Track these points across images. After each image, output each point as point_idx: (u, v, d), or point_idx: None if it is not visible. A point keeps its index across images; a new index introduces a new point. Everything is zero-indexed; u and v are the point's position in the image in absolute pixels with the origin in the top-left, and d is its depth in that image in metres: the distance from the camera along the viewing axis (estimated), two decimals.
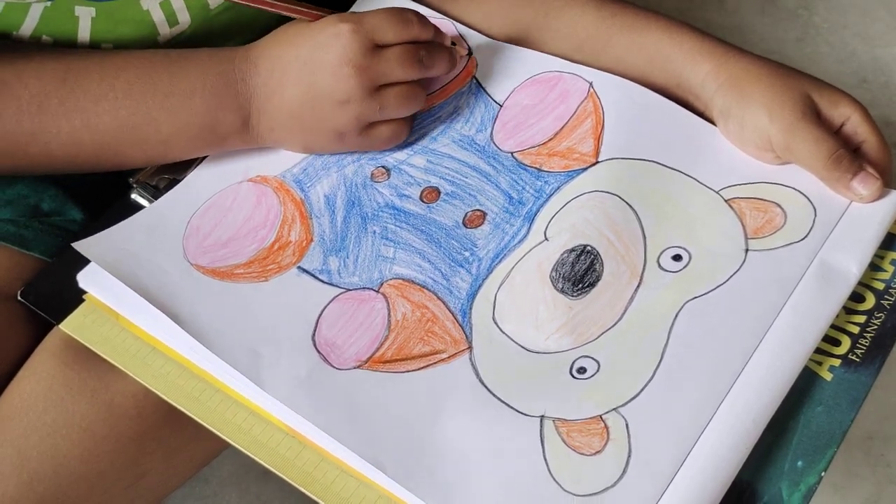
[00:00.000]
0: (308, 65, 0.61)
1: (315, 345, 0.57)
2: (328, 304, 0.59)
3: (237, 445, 0.55)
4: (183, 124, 0.62)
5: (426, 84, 0.67)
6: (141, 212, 0.64)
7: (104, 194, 0.67)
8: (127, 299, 0.59)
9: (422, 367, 0.56)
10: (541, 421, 0.54)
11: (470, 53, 0.70)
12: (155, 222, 0.63)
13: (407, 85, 0.63)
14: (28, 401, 0.60)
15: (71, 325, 0.60)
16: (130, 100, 0.61)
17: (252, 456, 0.55)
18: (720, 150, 0.64)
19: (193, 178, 0.65)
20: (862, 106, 0.62)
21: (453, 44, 0.67)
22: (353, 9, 0.74)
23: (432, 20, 0.73)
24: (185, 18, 0.66)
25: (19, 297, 0.62)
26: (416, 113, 0.67)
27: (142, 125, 0.61)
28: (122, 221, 0.63)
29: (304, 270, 0.61)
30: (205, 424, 0.56)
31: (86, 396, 0.60)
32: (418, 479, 0.52)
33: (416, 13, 0.63)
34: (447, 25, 0.72)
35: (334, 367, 0.56)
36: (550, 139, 0.66)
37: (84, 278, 0.60)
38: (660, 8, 0.69)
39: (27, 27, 0.63)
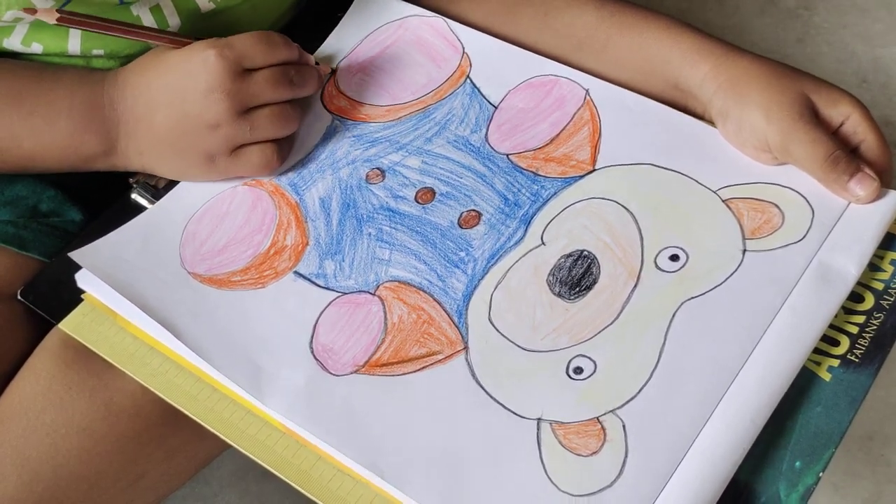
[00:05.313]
0: (178, 92, 0.61)
1: (313, 352, 0.57)
2: (325, 308, 0.59)
3: (234, 444, 0.55)
4: (46, 143, 0.62)
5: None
6: (137, 218, 0.63)
7: (103, 195, 0.67)
8: (124, 300, 0.59)
9: (418, 370, 0.56)
10: (537, 423, 0.54)
11: (333, 72, 0.70)
12: (151, 228, 0.63)
13: (278, 106, 0.63)
14: (27, 401, 0.60)
15: (70, 325, 0.60)
16: None
17: (249, 455, 0.55)
18: (718, 150, 0.64)
19: (189, 182, 0.65)
20: (862, 104, 0.62)
21: (317, 63, 0.67)
22: (350, 11, 0.74)
23: (424, 18, 0.72)
24: (175, 22, 0.66)
25: (19, 297, 0.62)
26: (411, 114, 0.67)
27: (4, 138, 0.62)
28: (117, 228, 0.62)
29: (301, 275, 0.61)
30: (202, 423, 0.56)
31: (84, 395, 0.60)
32: (415, 482, 0.52)
33: (282, 36, 0.64)
34: (439, 23, 0.72)
35: (332, 373, 0.56)
36: (546, 144, 0.66)
37: (82, 278, 0.60)
38: (660, 8, 0.69)
39: (17, 35, 0.63)
